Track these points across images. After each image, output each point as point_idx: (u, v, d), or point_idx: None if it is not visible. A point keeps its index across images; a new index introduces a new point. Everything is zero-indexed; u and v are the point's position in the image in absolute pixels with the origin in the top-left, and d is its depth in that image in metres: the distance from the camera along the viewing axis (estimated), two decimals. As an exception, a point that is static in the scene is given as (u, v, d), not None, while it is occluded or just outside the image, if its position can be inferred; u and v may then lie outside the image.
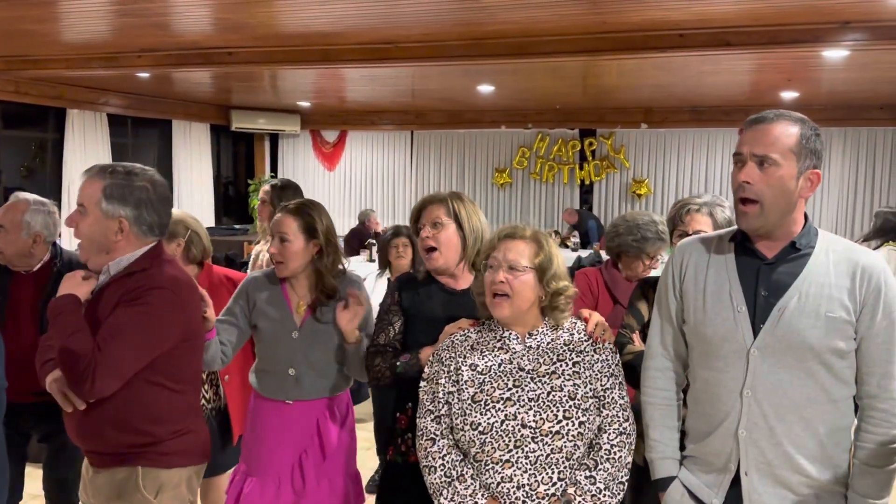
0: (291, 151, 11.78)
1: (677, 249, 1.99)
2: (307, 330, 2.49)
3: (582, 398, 1.90)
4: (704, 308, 1.84)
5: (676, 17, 4.77)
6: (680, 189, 10.10)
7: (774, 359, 1.75)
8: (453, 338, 2.04)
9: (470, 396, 1.91)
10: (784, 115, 1.79)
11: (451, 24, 5.09)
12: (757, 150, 1.75)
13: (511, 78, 7.50)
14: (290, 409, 2.50)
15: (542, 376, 1.92)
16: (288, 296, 2.53)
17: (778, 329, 1.75)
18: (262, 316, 2.51)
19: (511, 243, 1.97)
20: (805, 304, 1.74)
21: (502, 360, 1.95)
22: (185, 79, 8.10)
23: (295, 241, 2.46)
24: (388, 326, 2.34)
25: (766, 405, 1.76)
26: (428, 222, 2.31)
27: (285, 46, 5.88)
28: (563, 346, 1.97)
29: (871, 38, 4.76)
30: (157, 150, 10.36)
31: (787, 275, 1.78)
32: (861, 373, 1.77)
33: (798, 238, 1.79)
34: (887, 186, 9.24)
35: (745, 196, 1.76)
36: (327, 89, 8.84)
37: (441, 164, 11.14)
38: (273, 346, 2.51)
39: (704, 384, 1.86)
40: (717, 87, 7.89)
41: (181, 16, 5.18)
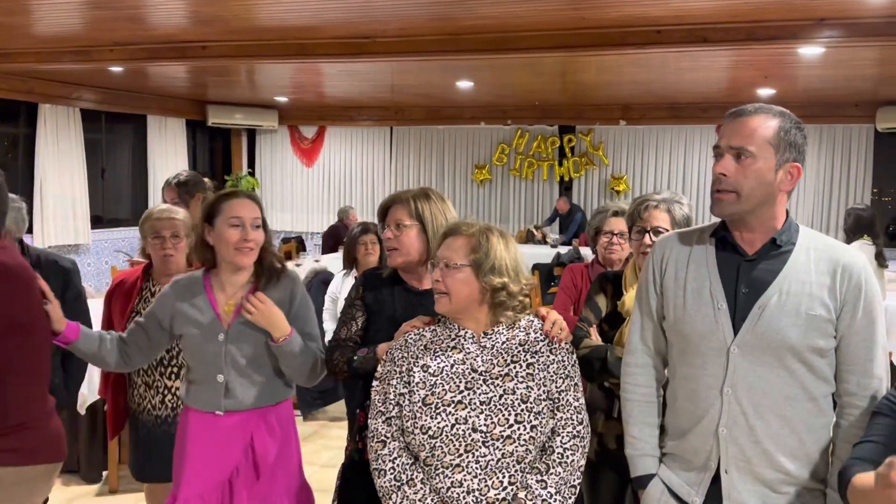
0: (269, 147, 11.68)
1: (658, 244, 1.96)
2: (235, 331, 2.29)
3: (535, 401, 1.86)
4: (685, 305, 1.82)
5: (654, 13, 4.77)
6: (658, 185, 10.15)
7: (754, 356, 1.74)
8: (407, 337, 1.99)
9: (421, 399, 1.86)
10: (764, 109, 1.77)
11: (428, 18, 5.05)
12: (734, 143, 1.74)
13: (490, 74, 7.48)
14: (221, 422, 2.28)
15: (496, 378, 1.87)
16: (213, 296, 2.33)
17: (758, 327, 1.74)
18: (186, 321, 2.31)
19: (449, 240, 1.94)
20: (785, 301, 1.73)
21: (455, 360, 1.90)
22: (161, 73, 8.00)
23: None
24: (351, 321, 2.31)
25: (745, 403, 1.74)
26: (391, 223, 2.28)
27: (261, 40, 5.81)
28: (518, 346, 1.92)
29: (846, 34, 4.80)
30: (132, 145, 10.22)
31: (768, 272, 1.77)
32: (840, 371, 1.76)
33: (778, 234, 1.78)
34: (862, 183, 9.36)
35: (721, 188, 1.75)
36: (305, 84, 8.77)
37: (421, 161, 11.10)
38: (199, 352, 2.31)
39: (684, 381, 1.84)
40: (694, 84, 7.92)
41: (154, 9, 5.10)
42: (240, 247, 2.27)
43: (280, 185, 11.68)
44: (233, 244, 2.26)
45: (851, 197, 9.35)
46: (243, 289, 2.33)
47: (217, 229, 2.29)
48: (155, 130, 10.21)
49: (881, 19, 4.67)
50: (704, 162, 9.97)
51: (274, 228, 11.39)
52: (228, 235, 2.26)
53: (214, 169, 11.81)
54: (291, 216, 11.69)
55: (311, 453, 4.69)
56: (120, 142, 10.11)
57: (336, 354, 2.27)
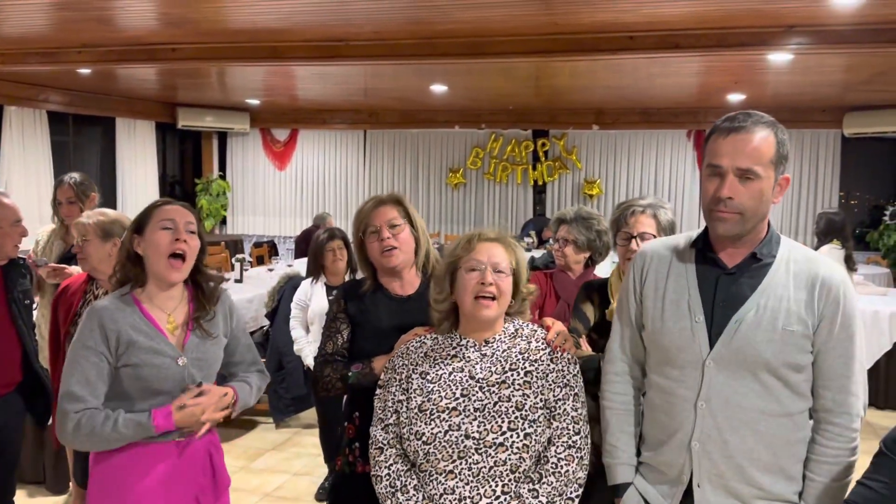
0: (241, 150, 11.56)
1: (639, 253, 1.93)
2: (193, 351, 2.11)
3: (530, 409, 1.84)
4: (663, 316, 1.80)
5: (626, 19, 4.80)
6: (630, 189, 10.22)
7: (729, 371, 1.72)
8: (408, 345, 2.00)
9: (417, 406, 1.87)
10: (758, 120, 1.71)
11: (402, 22, 5.03)
12: (741, 164, 1.68)
13: (464, 78, 7.48)
14: (181, 448, 2.10)
15: (492, 386, 1.87)
16: (153, 318, 2.10)
17: (734, 342, 1.71)
18: (138, 350, 2.03)
19: (491, 246, 1.94)
20: (762, 317, 1.71)
21: (454, 368, 1.90)
22: (129, 75, 7.87)
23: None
24: (336, 335, 2.28)
25: (720, 417, 1.72)
26: (384, 223, 2.24)
27: (232, 43, 5.75)
28: (518, 354, 1.92)
29: (814, 41, 4.87)
30: (100, 148, 10.04)
31: (746, 286, 1.74)
32: (817, 386, 1.74)
33: (759, 248, 1.76)
34: (829, 187, 9.50)
35: (726, 210, 1.69)
36: (277, 87, 8.69)
37: (395, 164, 11.06)
38: (157, 381, 2.04)
39: (660, 392, 1.82)
40: (666, 90, 7.99)
41: (123, 10, 5.02)
42: (173, 250, 2.07)
43: (252, 189, 11.56)
44: (164, 247, 2.06)
45: (819, 201, 9.49)
46: (182, 305, 2.16)
47: (147, 235, 2.09)
48: (124, 133, 10.04)
49: (848, 27, 4.75)
50: (675, 166, 10.07)
51: (245, 232, 11.47)
52: (159, 239, 2.06)
53: (185, 172, 11.66)
54: (264, 220, 11.58)
55: (284, 461, 4.63)
56: (88, 145, 9.93)
57: (328, 371, 2.23)
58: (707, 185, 1.74)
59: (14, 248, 3.02)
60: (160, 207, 2.14)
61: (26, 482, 4.10)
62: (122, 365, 2.03)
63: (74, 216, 3.86)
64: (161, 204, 2.16)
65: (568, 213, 3.08)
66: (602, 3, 4.43)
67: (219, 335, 2.20)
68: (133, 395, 2.05)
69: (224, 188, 11.37)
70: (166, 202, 2.17)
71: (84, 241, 2.79)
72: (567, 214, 3.08)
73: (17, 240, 3.01)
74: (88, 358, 2.01)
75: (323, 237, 4.08)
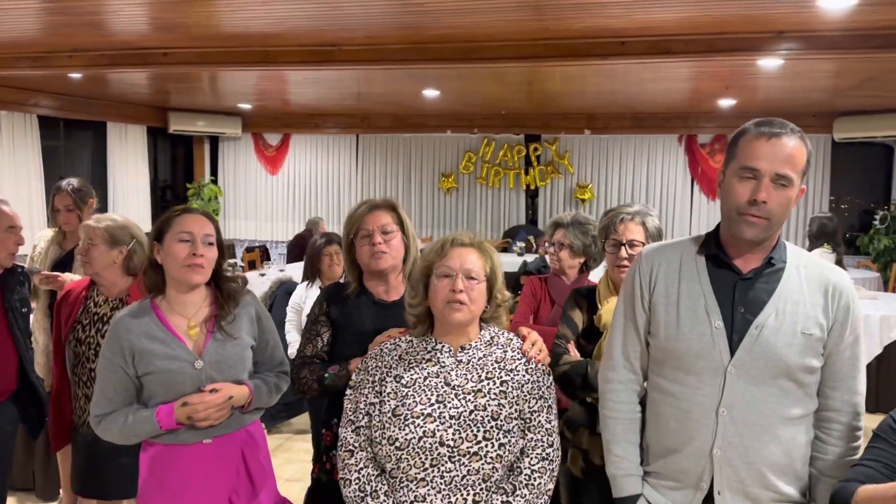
0: (232, 154, 11.53)
1: (643, 259, 1.89)
2: (212, 354, 2.15)
3: (505, 419, 1.83)
4: (678, 323, 1.78)
5: (618, 24, 4.82)
6: (622, 194, 10.25)
7: (750, 377, 1.72)
8: (382, 346, 1.98)
9: (391, 409, 1.84)
10: (793, 129, 1.72)
11: (394, 27, 5.03)
12: (780, 170, 1.68)
13: (456, 83, 7.49)
14: (210, 450, 2.15)
15: (468, 394, 1.85)
16: (169, 323, 2.15)
17: (756, 347, 1.72)
18: (153, 357, 2.09)
19: (464, 252, 1.92)
20: (782, 321, 1.72)
21: (429, 373, 1.88)
22: (121, 80, 7.84)
23: None
24: (316, 337, 2.27)
25: (741, 424, 1.73)
26: (377, 228, 2.24)
27: (224, 47, 5.74)
28: (494, 363, 1.91)
29: (804, 47, 4.90)
30: (91, 153, 10.00)
31: (764, 291, 1.75)
32: (825, 387, 1.76)
33: (774, 252, 1.77)
34: (820, 191, 9.55)
35: (758, 214, 1.69)
36: (270, 91, 8.68)
37: (387, 169, 11.06)
38: (176, 386, 2.10)
39: (672, 399, 1.79)
40: (657, 95, 8.02)
41: (115, 15, 5.00)
42: (189, 263, 2.11)
43: (244, 194, 11.54)
44: (181, 260, 2.11)
45: (810, 205, 9.54)
46: (203, 309, 2.19)
47: (166, 246, 2.14)
48: (115, 137, 10.01)
49: (838, 33, 4.78)
50: (668, 171, 10.10)
51: (237, 237, 11.44)
52: (177, 251, 2.11)
53: (176, 176, 11.62)
54: (255, 225, 11.56)
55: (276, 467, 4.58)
56: (79, 149, 9.89)
57: (305, 372, 2.23)
58: (739, 187, 1.71)
59: (10, 257, 3.00)
60: (179, 217, 2.17)
61: (16, 489, 4.08)
62: (143, 373, 2.11)
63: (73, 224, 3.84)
64: (180, 213, 2.19)
65: (564, 218, 3.10)
66: (593, 8, 4.45)
67: (241, 337, 2.21)
68: (159, 399, 2.13)
69: (216, 193, 11.34)
70: (186, 210, 2.20)
71: (90, 245, 2.78)
72: (564, 219, 3.10)
73: (11, 247, 2.99)
74: (109, 369, 2.13)
75: (320, 242, 4.09)
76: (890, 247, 8.59)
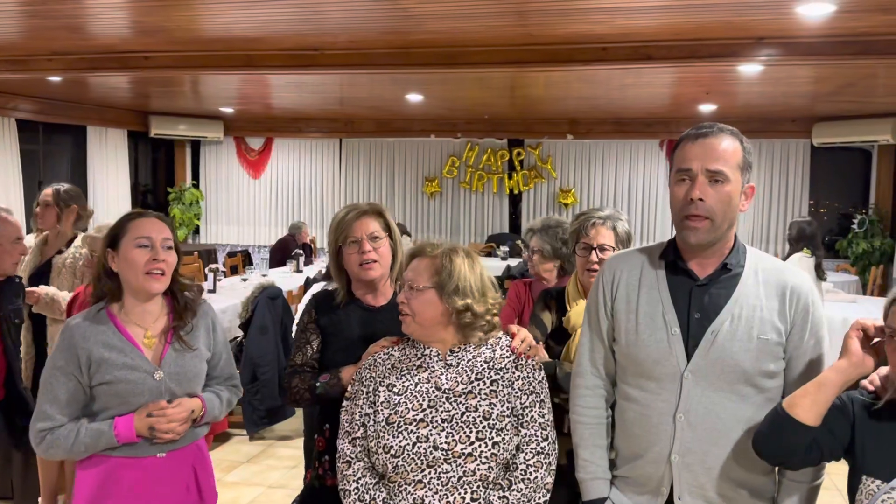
0: (214, 158, 11.46)
1: (607, 265, 1.93)
2: (171, 365, 2.07)
3: (497, 418, 1.84)
4: (637, 329, 1.80)
5: (600, 30, 4.84)
6: (604, 198, 10.30)
7: (707, 382, 1.73)
8: (376, 356, 1.99)
9: (384, 418, 1.85)
10: (723, 129, 1.76)
11: (378, 32, 5.03)
12: (710, 166, 1.70)
13: (440, 87, 7.49)
14: (164, 463, 2.06)
15: (459, 396, 1.86)
16: (128, 331, 2.06)
17: (711, 353, 1.73)
18: (110, 367, 1.99)
19: (414, 262, 1.96)
20: (737, 326, 1.73)
21: (420, 379, 1.90)
22: (101, 83, 7.77)
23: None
24: (306, 345, 2.26)
25: (699, 429, 1.74)
26: (366, 235, 2.22)
27: (206, 51, 5.70)
28: (484, 363, 1.92)
29: (784, 53, 4.95)
30: (71, 157, 9.89)
31: (719, 296, 1.76)
32: (789, 391, 1.75)
33: (729, 257, 1.78)
34: (800, 196, 9.65)
35: (696, 213, 1.71)
36: (252, 95, 8.64)
37: (371, 173, 11.04)
38: (133, 397, 2.00)
39: (635, 405, 1.82)
40: (639, 100, 8.07)
41: (95, 18, 4.96)
42: (149, 269, 2.03)
43: (226, 198, 11.46)
44: (140, 267, 2.02)
45: (790, 210, 9.63)
46: (161, 318, 2.11)
47: (122, 252, 2.04)
48: (95, 142, 9.91)
49: (816, 39, 4.84)
50: (649, 175, 10.16)
51: (219, 242, 11.35)
52: (135, 257, 2.01)
53: (157, 181, 11.53)
54: (238, 229, 11.48)
55: (258, 474, 4.58)
56: (58, 153, 9.79)
57: (296, 381, 2.21)
58: (677, 190, 1.75)
59: (13, 266, 2.99)
60: (135, 221, 2.08)
61: (-7, 498, 4.01)
62: (97, 383, 2.00)
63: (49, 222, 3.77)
64: (135, 217, 2.10)
65: (536, 224, 3.13)
66: (576, 14, 4.47)
67: (200, 348, 2.15)
68: (112, 412, 2.02)
69: (197, 197, 11.26)
70: (140, 214, 2.11)
71: (94, 255, 2.74)
72: (535, 225, 3.13)
73: (16, 258, 2.98)
74: (59, 378, 2.00)
75: None
76: (868, 250, 8.69)
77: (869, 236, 8.80)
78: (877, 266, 8.39)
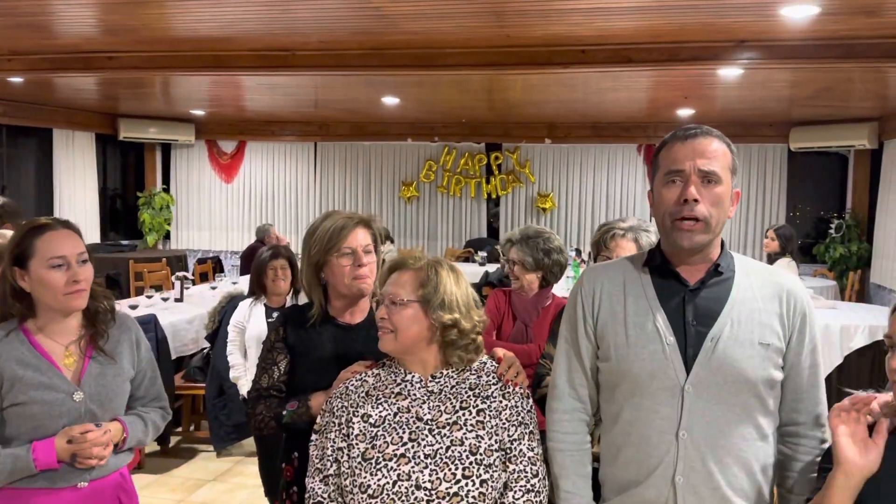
0: (185, 162, 11.21)
1: (585, 277, 1.79)
2: (92, 385, 1.92)
3: (485, 452, 1.68)
4: (627, 342, 1.66)
5: (579, 32, 4.75)
6: (583, 203, 10.23)
7: (710, 394, 1.60)
8: (348, 384, 1.80)
9: (360, 454, 1.67)
10: (710, 130, 1.68)
11: (350, 32, 4.89)
12: (704, 166, 1.62)
13: (416, 90, 7.36)
14: (85, 493, 1.90)
15: (443, 427, 1.69)
16: (44, 348, 1.91)
17: (712, 361, 1.60)
18: (26, 386, 1.84)
19: (395, 275, 1.79)
20: (738, 331, 1.61)
21: (399, 408, 1.72)
22: (67, 85, 7.54)
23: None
24: (272, 367, 2.07)
25: (703, 447, 1.60)
26: (360, 246, 2.05)
27: (173, 51, 5.52)
28: (469, 390, 1.75)
29: (765, 56, 4.89)
30: (36, 160, 9.59)
31: (714, 301, 1.64)
32: (789, 400, 1.66)
33: (719, 260, 1.67)
34: (777, 201, 9.64)
35: (691, 215, 1.60)
36: (224, 97, 8.44)
37: (347, 177, 10.86)
38: (50, 420, 1.85)
39: (630, 427, 1.66)
40: (617, 104, 8.01)
41: (56, 16, 4.77)
42: (69, 291, 1.87)
43: (197, 202, 11.21)
44: (60, 289, 1.87)
45: (768, 214, 9.62)
46: (79, 334, 1.97)
47: (34, 273, 1.87)
48: (61, 145, 9.63)
49: (798, 42, 4.79)
50: (627, 180, 10.10)
51: (190, 248, 11.11)
52: (52, 280, 1.86)
53: (126, 185, 11.25)
54: (209, 235, 11.24)
55: (226, 493, 4.39)
56: (23, 157, 9.49)
57: (260, 408, 2.03)
58: (667, 193, 1.63)
59: None
60: (43, 237, 1.90)
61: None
62: (9, 405, 1.84)
63: None
64: (42, 231, 1.91)
65: (514, 234, 3.03)
66: (554, 15, 4.36)
67: (122, 365, 1.99)
68: (24, 438, 1.84)
69: (168, 202, 11.00)
70: (46, 227, 1.93)
71: None
72: (514, 235, 3.03)
73: None
74: None
75: (266, 254, 3.87)
76: (845, 255, 8.69)
77: (846, 241, 8.80)
78: (854, 271, 8.39)
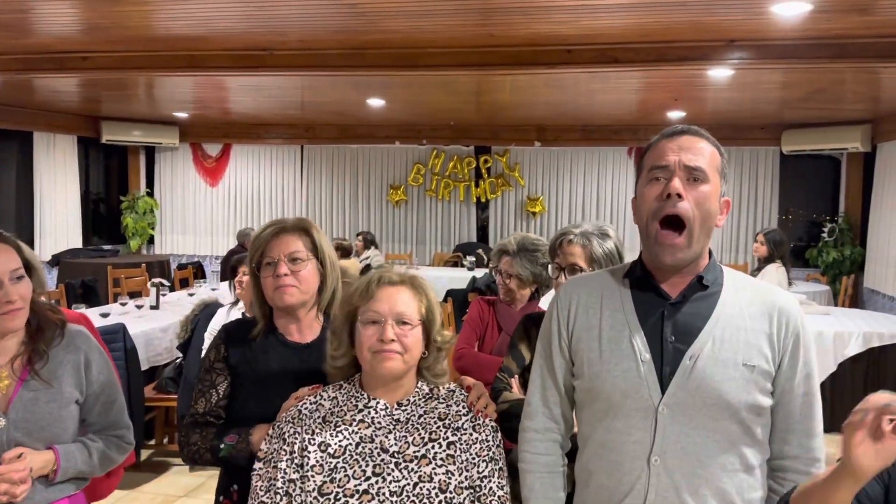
0: (169, 165, 11.03)
1: (562, 291, 1.66)
2: (20, 410, 1.77)
3: (455, 490, 1.53)
4: (601, 358, 1.53)
5: (564, 31, 4.62)
6: (572, 206, 10.10)
7: (686, 417, 1.46)
8: (300, 406, 1.63)
9: (316, 488, 1.50)
10: (699, 130, 1.56)
11: (329, 30, 4.74)
12: (689, 162, 1.48)
13: (402, 92, 7.21)
14: None
15: (410, 461, 1.54)
16: None
17: (690, 381, 1.46)
18: None
19: (394, 292, 1.62)
20: (719, 350, 1.47)
21: (362, 437, 1.56)
22: (47, 86, 7.37)
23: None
24: (210, 390, 1.87)
25: (677, 475, 1.46)
26: (284, 256, 1.89)
27: (148, 51, 5.37)
28: (438, 420, 1.61)
29: (756, 56, 4.77)
30: (16, 164, 9.40)
31: (697, 317, 1.50)
32: (780, 430, 1.51)
33: (705, 273, 1.53)
34: (769, 204, 9.53)
35: (674, 212, 1.47)
36: (207, 99, 8.27)
37: (333, 181, 10.71)
38: None
39: (602, 451, 1.53)
40: (606, 106, 7.89)
41: (27, 15, 4.61)
42: (3, 312, 1.73)
43: (181, 206, 11.03)
44: None
45: (760, 219, 9.50)
46: (16, 354, 1.81)
47: None
48: (42, 148, 9.44)
49: (789, 42, 4.67)
50: (617, 183, 9.99)
51: (175, 252, 10.92)
52: None
53: (109, 189, 11.06)
54: (194, 239, 11.05)
55: (197, 508, 4.23)
56: (2, 160, 9.30)
57: (195, 438, 1.83)
58: (649, 191, 1.50)
59: None
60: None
61: None
62: None
63: None
64: None
65: (510, 245, 2.78)
66: (538, 13, 4.23)
67: (61, 389, 1.81)
68: None
69: (151, 206, 10.82)
70: None
71: None
72: (509, 246, 2.78)
73: None
74: None
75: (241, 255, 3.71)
76: (838, 259, 8.58)
77: (839, 245, 8.70)
78: (847, 275, 8.27)
